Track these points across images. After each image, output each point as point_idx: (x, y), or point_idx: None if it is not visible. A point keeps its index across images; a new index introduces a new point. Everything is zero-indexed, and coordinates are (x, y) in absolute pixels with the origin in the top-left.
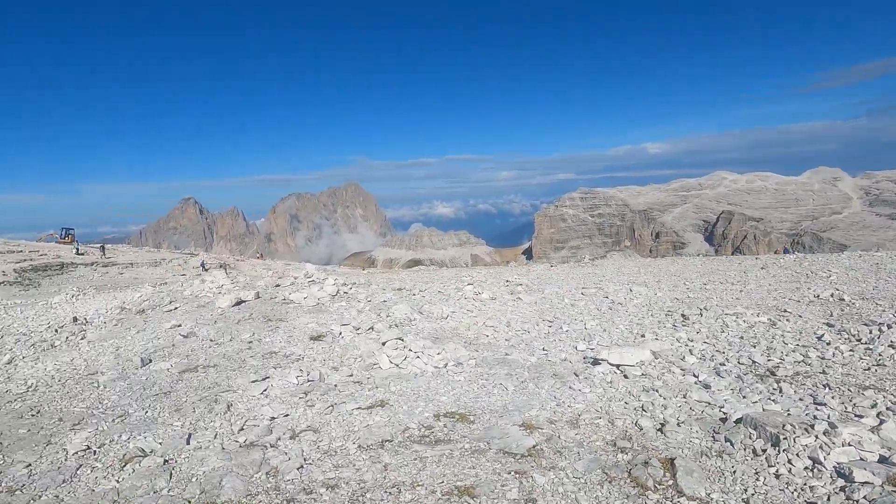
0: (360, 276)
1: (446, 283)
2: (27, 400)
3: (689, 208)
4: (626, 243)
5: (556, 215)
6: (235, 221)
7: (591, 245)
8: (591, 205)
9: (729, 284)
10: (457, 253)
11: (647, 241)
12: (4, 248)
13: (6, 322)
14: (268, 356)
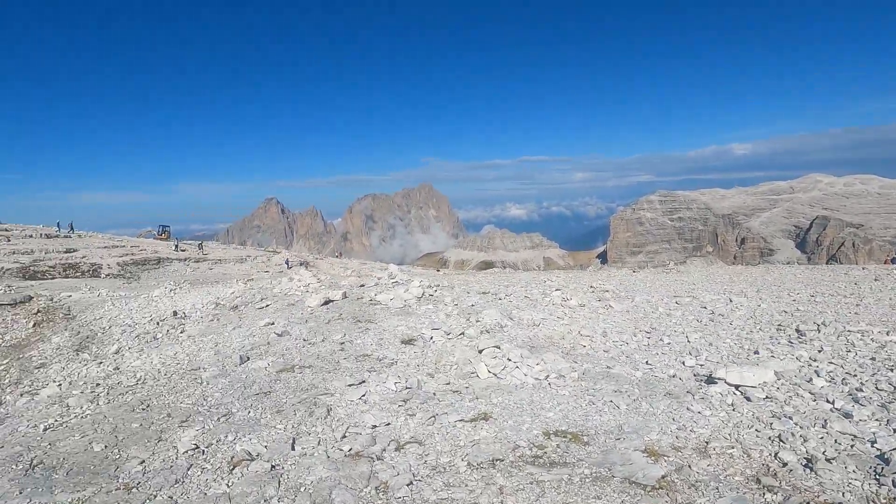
0: (442, 277)
1: (528, 286)
2: (137, 393)
3: (778, 213)
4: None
5: (632, 219)
6: (314, 221)
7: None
8: (670, 208)
9: (841, 297)
10: (529, 255)
11: (731, 246)
12: (109, 244)
13: (113, 313)
14: (361, 359)
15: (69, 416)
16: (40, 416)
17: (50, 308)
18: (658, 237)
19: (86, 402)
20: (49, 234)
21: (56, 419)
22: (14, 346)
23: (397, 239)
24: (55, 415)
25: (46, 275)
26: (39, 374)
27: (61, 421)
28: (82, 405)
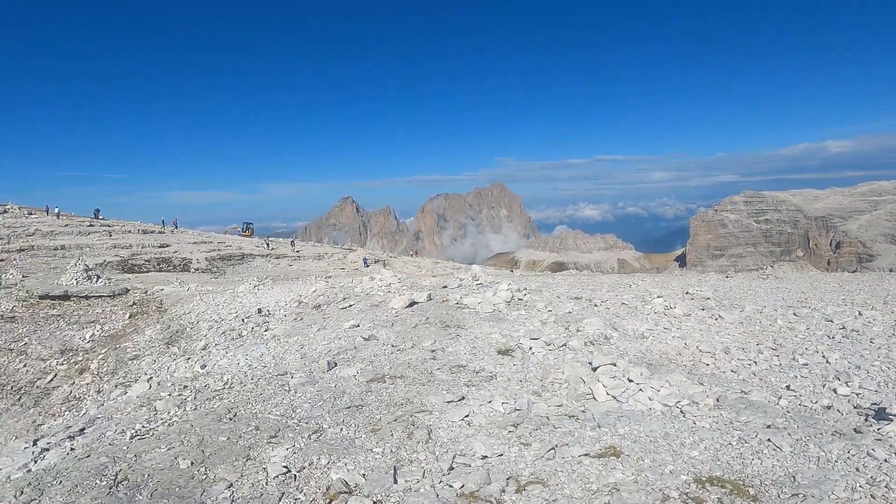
0: (528, 280)
1: (615, 290)
2: (224, 398)
3: (880, 215)
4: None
5: (715, 220)
6: (387, 219)
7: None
8: (757, 209)
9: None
10: (602, 257)
11: (824, 251)
12: (199, 239)
13: (201, 308)
14: (456, 370)
15: (156, 421)
16: (128, 421)
17: (144, 301)
18: (742, 240)
19: (173, 406)
20: (146, 229)
21: (143, 424)
22: (112, 336)
23: (468, 238)
24: (143, 419)
25: (142, 268)
26: (133, 365)
27: (148, 427)
28: (169, 410)
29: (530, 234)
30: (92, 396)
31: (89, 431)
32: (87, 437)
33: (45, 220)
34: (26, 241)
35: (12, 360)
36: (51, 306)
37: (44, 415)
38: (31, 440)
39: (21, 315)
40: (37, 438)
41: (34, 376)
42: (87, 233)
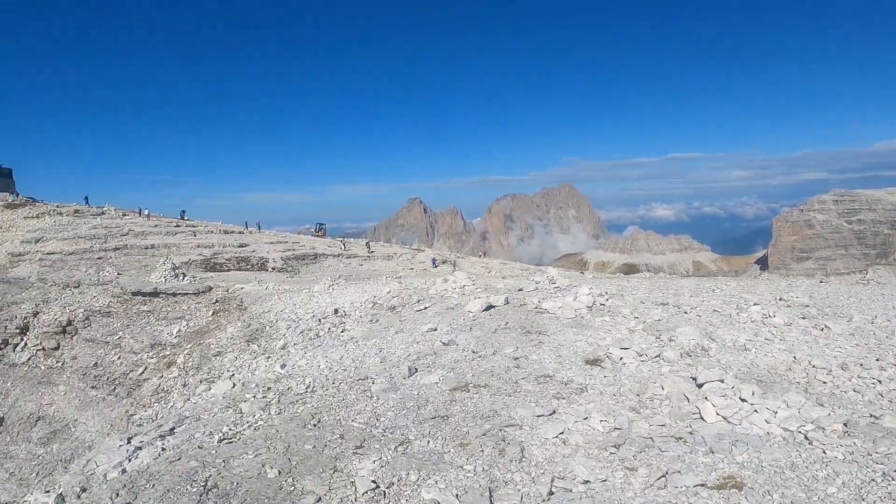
0: (607, 284)
1: (700, 295)
2: (307, 403)
3: None
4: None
5: (800, 221)
6: (454, 220)
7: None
8: (848, 209)
9: None
10: (676, 259)
11: None
12: (274, 239)
13: (279, 307)
14: (542, 381)
15: (242, 424)
16: (216, 423)
17: (226, 298)
18: (831, 242)
19: (258, 409)
20: (227, 230)
21: (230, 427)
22: (196, 333)
23: (536, 239)
24: (229, 422)
25: (223, 267)
26: (216, 361)
27: (235, 431)
28: (255, 413)
29: (600, 234)
30: (178, 390)
31: (179, 431)
32: (176, 438)
33: (137, 221)
34: (121, 240)
35: (108, 352)
36: (142, 302)
37: (135, 405)
38: (125, 437)
39: (116, 310)
40: (130, 436)
41: (127, 368)
42: (173, 233)
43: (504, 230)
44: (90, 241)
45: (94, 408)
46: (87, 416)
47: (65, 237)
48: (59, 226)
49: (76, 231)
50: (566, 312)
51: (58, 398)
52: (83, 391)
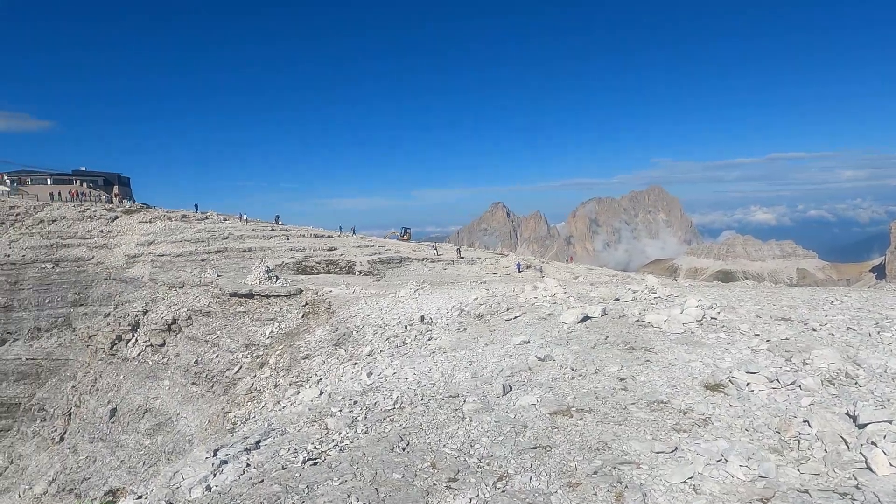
0: (715, 295)
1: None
2: (395, 421)
3: None
4: None
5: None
6: (538, 224)
7: None
8: None
9: None
10: (778, 266)
11: None
12: (361, 243)
13: (365, 311)
14: (656, 407)
15: (328, 442)
16: (300, 438)
17: (315, 301)
18: None
19: (344, 425)
20: (317, 234)
21: (315, 446)
22: (287, 334)
23: (622, 244)
24: (315, 439)
25: (313, 270)
26: (304, 364)
27: (320, 450)
28: (340, 430)
29: (692, 239)
30: (269, 390)
31: (265, 446)
32: (262, 454)
33: (236, 225)
34: (221, 243)
35: (207, 350)
36: (238, 303)
37: (231, 403)
38: (212, 449)
39: (215, 310)
40: (217, 448)
41: (224, 366)
42: (268, 236)
43: (589, 235)
44: (195, 244)
45: (194, 403)
46: (187, 411)
47: (173, 240)
48: (168, 230)
49: (183, 235)
50: (673, 327)
51: (162, 392)
52: (185, 387)
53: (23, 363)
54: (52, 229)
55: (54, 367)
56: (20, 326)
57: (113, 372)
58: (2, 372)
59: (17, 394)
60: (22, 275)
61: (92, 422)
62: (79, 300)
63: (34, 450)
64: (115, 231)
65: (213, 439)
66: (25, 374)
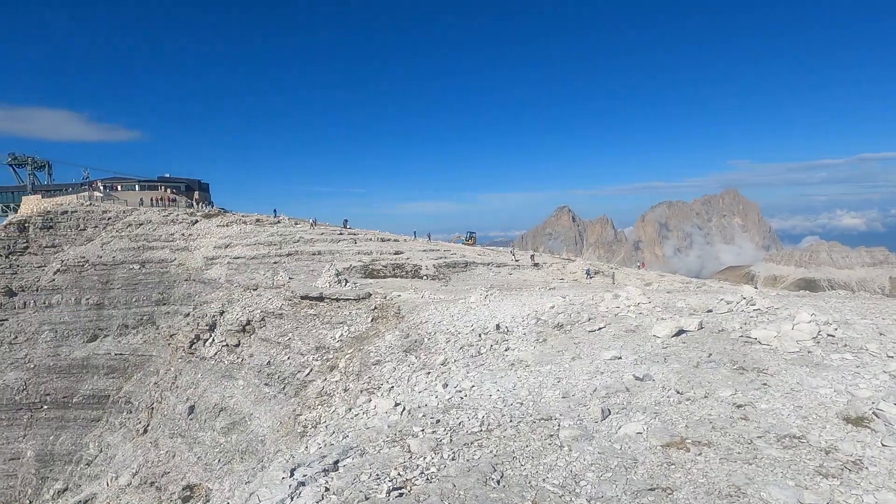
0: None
1: None
2: (484, 446)
3: None
4: None
5: None
6: (604, 229)
7: None
8: None
9: None
10: (867, 274)
11: None
12: (427, 247)
13: (436, 318)
14: (789, 443)
15: (413, 469)
16: (382, 462)
17: (384, 305)
18: None
19: (429, 449)
20: (383, 237)
21: (399, 472)
22: (356, 338)
23: (694, 249)
24: (398, 463)
25: (380, 273)
26: (375, 370)
27: (404, 478)
28: (425, 454)
29: (770, 245)
30: (340, 394)
31: (343, 468)
32: (341, 478)
33: (305, 229)
34: (293, 247)
35: (279, 352)
36: (309, 306)
37: (301, 406)
38: (288, 469)
39: (287, 313)
40: (294, 467)
41: (295, 369)
42: (337, 240)
43: (658, 240)
44: (268, 247)
45: (266, 404)
46: (260, 412)
47: (247, 243)
48: (243, 233)
49: (256, 238)
50: (786, 345)
51: (237, 392)
52: (258, 387)
53: (112, 358)
54: (139, 232)
55: (140, 362)
56: (110, 323)
57: (191, 370)
58: (94, 366)
59: (107, 386)
60: (112, 275)
61: (172, 417)
62: (162, 300)
63: (121, 440)
64: (195, 234)
65: (285, 442)
66: (114, 369)
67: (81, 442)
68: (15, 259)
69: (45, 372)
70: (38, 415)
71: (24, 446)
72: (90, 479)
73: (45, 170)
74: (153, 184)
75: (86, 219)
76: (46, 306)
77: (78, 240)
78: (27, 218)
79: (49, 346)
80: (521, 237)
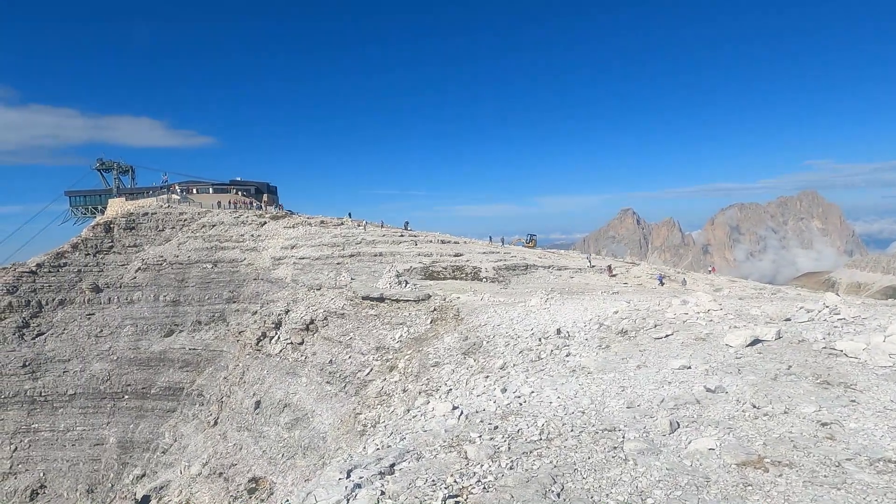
0: None
1: None
2: (543, 456)
3: None
4: None
5: None
6: (671, 232)
7: None
8: None
9: None
10: None
11: None
12: (487, 249)
13: (495, 321)
14: (883, 468)
15: (469, 476)
16: (438, 468)
17: (443, 307)
18: None
19: (486, 457)
20: (444, 239)
21: (455, 479)
22: (416, 339)
23: (768, 253)
24: (454, 470)
25: (440, 275)
26: (433, 372)
27: (461, 485)
28: (482, 461)
29: (853, 250)
30: (398, 395)
31: (399, 471)
32: (397, 482)
33: (369, 231)
34: (355, 248)
35: (341, 351)
36: (370, 306)
37: (361, 405)
38: (345, 470)
39: (348, 312)
40: (350, 468)
41: (356, 368)
42: (398, 242)
43: (729, 243)
44: (331, 248)
45: (327, 401)
46: (322, 409)
47: (312, 244)
48: (308, 234)
49: (321, 239)
50: (877, 358)
51: (300, 389)
52: (320, 385)
53: (186, 352)
54: (212, 233)
55: (211, 357)
56: (185, 320)
57: (258, 366)
58: (169, 359)
59: (181, 379)
60: (187, 273)
61: (239, 411)
62: (232, 298)
63: (193, 431)
64: (263, 235)
65: (345, 440)
66: (188, 363)
67: (158, 431)
68: (101, 258)
69: (126, 364)
70: (119, 404)
71: (108, 433)
72: (165, 467)
73: (129, 174)
74: (225, 187)
75: (164, 220)
76: (128, 302)
77: (157, 240)
78: (112, 219)
79: (130, 339)
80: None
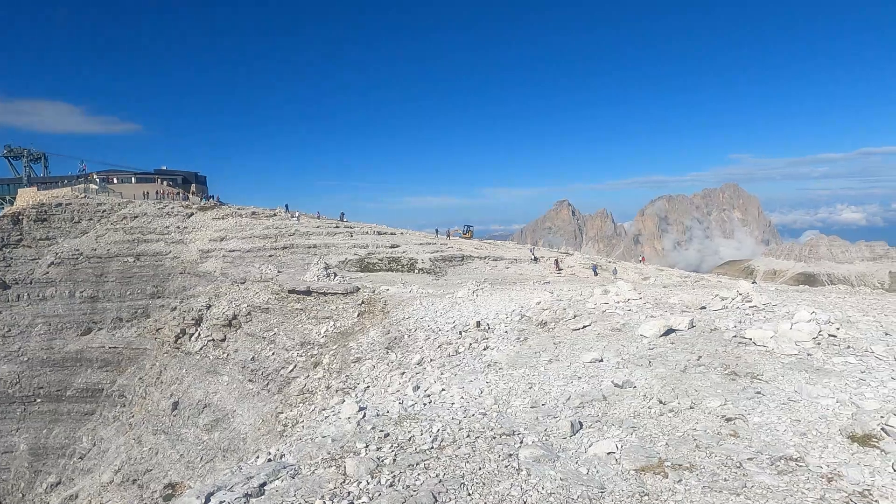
0: (834, 306)
1: None
2: (430, 468)
3: None
4: None
5: None
6: (604, 223)
7: None
8: None
9: None
10: (866, 269)
11: None
12: (424, 240)
13: (420, 313)
14: (784, 467)
15: (341, 497)
16: (311, 487)
17: (371, 300)
18: None
19: (365, 471)
20: (380, 231)
21: (328, 496)
22: (341, 333)
23: (694, 243)
24: (327, 489)
25: (376, 267)
26: (354, 368)
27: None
28: (360, 478)
29: (770, 239)
30: (321, 392)
31: (269, 492)
32: None
33: (303, 222)
34: (288, 240)
35: (264, 347)
36: (296, 300)
37: (283, 403)
38: (204, 494)
39: (273, 307)
40: (212, 491)
41: (279, 364)
42: (333, 234)
43: (658, 234)
44: (263, 240)
45: (249, 401)
46: (243, 409)
47: (243, 236)
48: (239, 226)
49: (252, 231)
50: (784, 346)
51: (221, 388)
52: (242, 383)
53: (106, 351)
54: (134, 225)
55: (133, 355)
56: (104, 316)
57: (177, 365)
58: (87, 359)
59: (101, 380)
60: (107, 267)
61: (156, 413)
62: (156, 293)
63: (114, 434)
64: (190, 227)
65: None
66: (108, 362)
67: (75, 436)
68: (9, 252)
69: (38, 365)
70: (31, 408)
71: (18, 440)
72: (83, 473)
73: (41, 162)
74: (150, 176)
75: (80, 211)
76: (40, 299)
77: (72, 232)
78: (21, 210)
79: (43, 339)
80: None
